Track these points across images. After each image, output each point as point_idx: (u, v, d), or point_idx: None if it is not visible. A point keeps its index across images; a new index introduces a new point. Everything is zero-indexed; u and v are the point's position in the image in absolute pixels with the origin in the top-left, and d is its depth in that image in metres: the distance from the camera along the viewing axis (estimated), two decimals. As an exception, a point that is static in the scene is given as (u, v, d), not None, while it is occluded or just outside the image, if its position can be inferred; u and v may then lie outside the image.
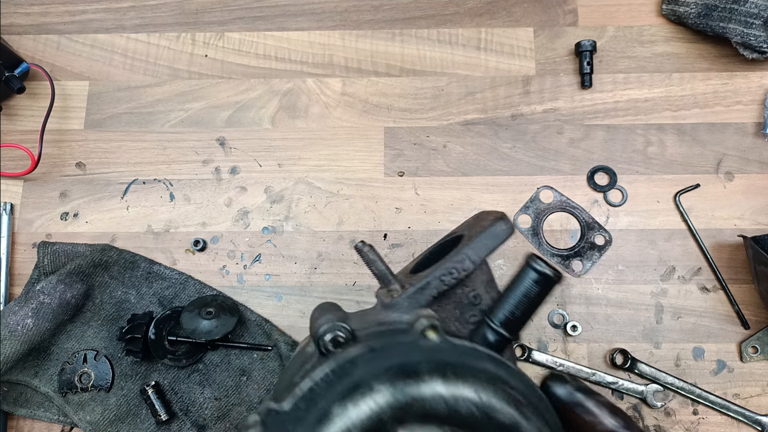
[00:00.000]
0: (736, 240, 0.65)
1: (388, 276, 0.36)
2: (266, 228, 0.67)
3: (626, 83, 0.71)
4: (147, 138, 0.71)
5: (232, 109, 0.71)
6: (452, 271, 0.35)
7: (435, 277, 0.35)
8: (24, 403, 0.62)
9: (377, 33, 0.74)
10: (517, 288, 0.34)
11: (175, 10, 0.75)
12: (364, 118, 0.71)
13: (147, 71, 0.73)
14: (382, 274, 0.37)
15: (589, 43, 0.69)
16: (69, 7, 0.75)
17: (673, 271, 0.65)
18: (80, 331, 0.63)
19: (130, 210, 0.68)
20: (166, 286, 0.65)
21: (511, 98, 0.71)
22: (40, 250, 0.65)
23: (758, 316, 0.63)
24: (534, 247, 0.66)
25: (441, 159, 0.69)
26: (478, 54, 0.72)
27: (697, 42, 0.72)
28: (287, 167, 0.69)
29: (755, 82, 0.70)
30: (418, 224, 0.67)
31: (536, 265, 0.34)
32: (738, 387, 0.62)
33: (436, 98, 0.71)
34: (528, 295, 0.34)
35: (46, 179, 0.70)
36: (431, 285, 0.35)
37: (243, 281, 0.66)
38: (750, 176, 0.68)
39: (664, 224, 0.67)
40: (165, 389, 0.62)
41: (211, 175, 0.69)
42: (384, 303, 0.35)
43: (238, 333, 0.63)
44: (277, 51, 0.73)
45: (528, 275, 0.34)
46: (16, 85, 0.68)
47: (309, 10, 0.75)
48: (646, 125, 0.69)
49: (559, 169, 0.68)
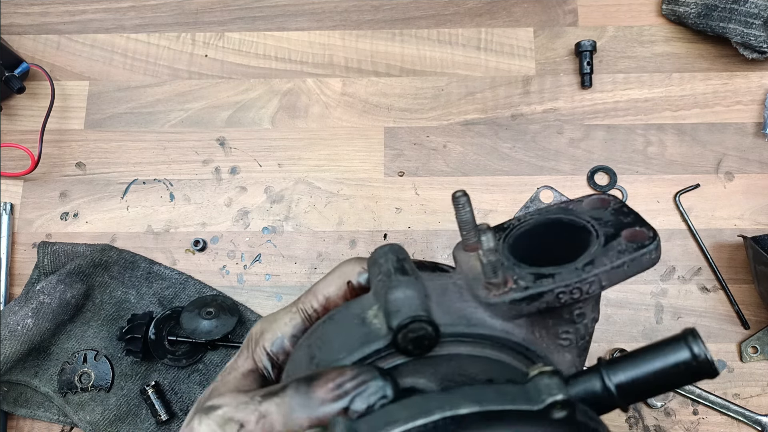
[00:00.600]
0: (736, 240, 0.65)
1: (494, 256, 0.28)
2: (266, 228, 0.67)
3: (626, 83, 0.71)
4: (147, 138, 0.71)
5: (232, 109, 0.71)
6: (575, 292, 0.28)
7: (552, 291, 0.27)
8: (24, 403, 0.62)
9: (377, 33, 0.74)
10: (657, 359, 0.25)
11: (175, 10, 0.75)
12: (364, 118, 0.71)
13: (147, 71, 0.73)
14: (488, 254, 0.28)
15: (589, 43, 0.69)
16: (69, 7, 0.76)
17: (673, 271, 0.65)
18: (80, 331, 0.63)
19: (130, 210, 0.68)
20: (166, 286, 0.65)
21: (511, 98, 0.71)
22: (40, 250, 0.65)
23: (758, 316, 0.63)
24: (534, 247, 0.66)
25: (441, 159, 0.69)
26: (478, 54, 0.72)
27: (697, 42, 0.72)
28: (287, 167, 0.69)
29: (755, 82, 0.70)
30: (418, 224, 0.67)
31: (697, 349, 0.25)
32: (738, 387, 0.62)
33: (436, 98, 0.71)
34: (666, 373, 0.26)
35: (46, 179, 0.70)
36: (544, 298, 0.27)
37: (243, 281, 0.66)
38: (750, 176, 0.68)
39: (664, 224, 0.67)
40: (165, 389, 0.62)
41: (211, 175, 0.69)
42: (478, 294, 0.28)
43: (238, 333, 0.63)
44: (277, 51, 0.73)
45: (679, 352, 0.25)
46: (16, 85, 0.68)
47: (309, 10, 0.75)
48: (646, 125, 0.69)
49: (559, 169, 0.68)
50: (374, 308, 0.27)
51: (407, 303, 0.26)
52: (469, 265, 0.29)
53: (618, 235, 0.30)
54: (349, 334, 0.27)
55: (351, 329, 0.28)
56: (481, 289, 0.28)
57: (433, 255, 0.66)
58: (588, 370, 0.25)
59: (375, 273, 0.28)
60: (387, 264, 0.28)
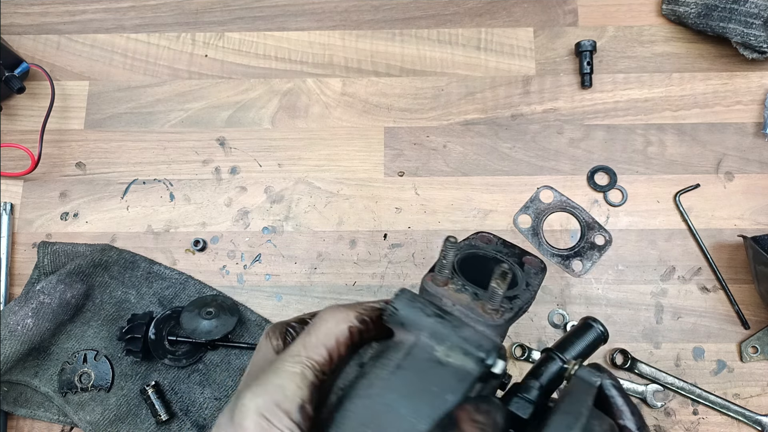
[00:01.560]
0: (736, 240, 0.65)
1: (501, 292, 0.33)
2: (266, 228, 0.67)
3: (626, 83, 0.71)
4: (147, 138, 0.71)
5: (232, 109, 0.71)
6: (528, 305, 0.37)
7: (522, 308, 0.36)
8: (24, 403, 0.62)
9: (377, 33, 0.74)
10: (581, 341, 0.36)
11: (175, 10, 0.75)
12: (364, 118, 0.71)
13: (147, 71, 0.73)
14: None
15: (589, 43, 0.69)
16: (69, 7, 0.76)
17: (673, 271, 0.65)
18: (80, 331, 0.63)
19: (130, 210, 0.68)
20: (166, 286, 0.65)
21: (511, 98, 0.71)
22: (40, 250, 0.65)
23: (758, 316, 0.63)
24: (534, 247, 0.66)
25: (441, 159, 0.69)
26: (478, 54, 0.72)
27: (697, 42, 0.72)
28: (287, 167, 0.69)
29: (755, 82, 0.70)
30: (418, 224, 0.67)
31: (598, 326, 0.37)
32: (738, 387, 0.62)
33: (436, 98, 0.71)
34: (591, 345, 0.36)
35: (46, 179, 0.70)
36: (519, 313, 0.36)
37: (243, 281, 0.66)
38: (750, 176, 0.68)
39: (664, 224, 0.67)
40: (165, 389, 0.62)
41: (211, 175, 0.69)
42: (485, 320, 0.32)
43: (238, 333, 0.63)
44: (277, 51, 0.73)
45: (592, 333, 0.36)
46: (16, 85, 0.68)
47: (309, 10, 0.75)
48: (646, 125, 0.69)
49: (559, 169, 0.68)
50: (442, 347, 0.30)
51: (482, 337, 0.30)
52: (454, 298, 0.34)
53: (522, 263, 0.42)
54: (434, 374, 0.30)
55: (432, 370, 0.30)
56: (484, 315, 0.33)
57: (434, 255, 0.66)
58: (546, 357, 0.35)
59: (419, 317, 0.31)
60: (428, 307, 0.31)
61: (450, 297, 0.33)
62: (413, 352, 0.30)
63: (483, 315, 0.32)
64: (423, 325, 0.31)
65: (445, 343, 0.30)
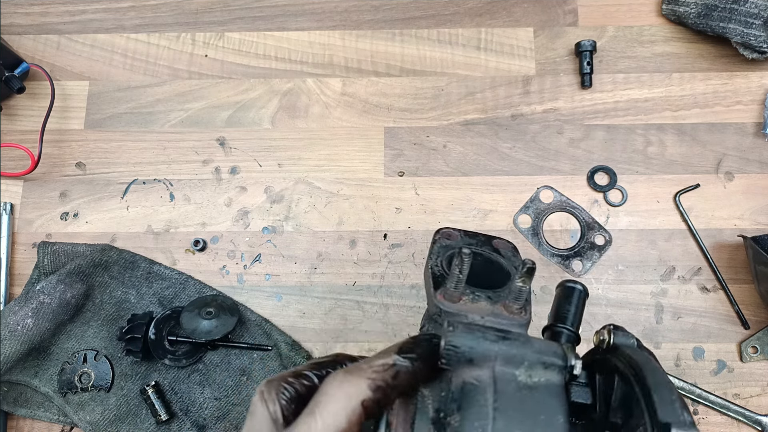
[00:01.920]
0: (736, 240, 0.65)
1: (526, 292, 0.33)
2: (266, 228, 0.67)
3: (626, 83, 0.71)
4: (147, 138, 0.71)
5: (232, 109, 0.71)
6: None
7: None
8: (24, 403, 0.62)
9: (377, 33, 0.74)
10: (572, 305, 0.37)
11: (175, 10, 0.75)
12: (364, 118, 0.71)
13: (147, 71, 0.73)
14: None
15: (589, 43, 0.69)
16: (69, 7, 0.76)
17: (673, 271, 0.65)
18: (80, 331, 0.63)
19: (130, 210, 0.68)
20: (166, 286, 0.65)
21: (511, 98, 0.71)
22: (40, 250, 0.65)
23: (758, 316, 0.63)
24: (534, 247, 0.66)
25: (441, 159, 0.69)
26: (478, 54, 0.72)
27: (697, 42, 0.72)
28: (287, 167, 0.69)
29: (755, 82, 0.70)
30: (418, 224, 0.67)
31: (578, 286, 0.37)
32: (738, 387, 0.62)
33: (436, 98, 0.71)
34: (580, 304, 0.37)
35: (46, 179, 0.70)
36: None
37: (243, 281, 0.66)
38: (750, 176, 0.68)
39: (664, 224, 0.67)
40: (165, 389, 0.62)
41: (211, 175, 0.69)
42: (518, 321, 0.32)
43: (238, 333, 0.63)
44: (277, 51, 0.73)
45: (576, 294, 0.37)
46: (16, 85, 0.68)
47: (309, 10, 0.75)
48: (646, 125, 0.69)
49: (559, 169, 0.68)
50: (521, 370, 0.28)
51: (549, 344, 0.29)
52: (477, 309, 0.32)
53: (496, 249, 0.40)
54: (532, 401, 0.27)
55: (528, 398, 0.27)
56: (513, 316, 0.32)
57: (433, 255, 0.66)
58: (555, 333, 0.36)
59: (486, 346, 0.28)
60: (487, 333, 0.29)
61: (474, 310, 0.31)
62: (500, 388, 0.27)
63: (512, 317, 0.31)
64: (493, 354, 0.28)
65: (522, 365, 0.28)
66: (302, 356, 0.62)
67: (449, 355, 0.28)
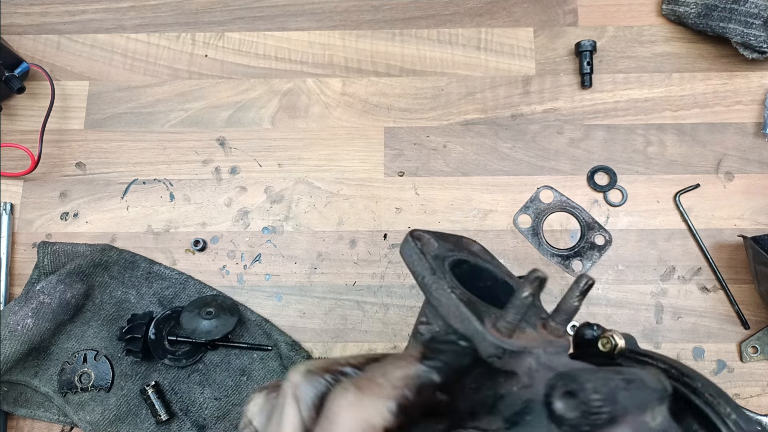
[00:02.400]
0: (736, 240, 0.65)
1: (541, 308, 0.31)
2: (266, 228, 0.67)
3: (626, 83, 0.71)
4: (147, 138, 0.71)
5: (232, 109, 0.71)
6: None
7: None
8: (24, 403, 0.62)
9: (377, 33, 0.74)
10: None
11: (175, 10, 0.75)
12: (364, 118, 0.71)
13: (147, 71, 0.73)
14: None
15: (589, 43, 0.69)
16: (69, 7, 0.76)
17: (673, 271, 0.65)
18: (80, 331, 0.63)
19: (130, 210, 0.68)
20: (166, 286, 0.65)
21: (511, 98, 0.71)
22: (40, 250, 0.65)
23: (758, 316, 0.63)
24: (534, 246, 0.66)
25: (441, 159, 0.69)
26: (478, 54, 0.72)
27: (697, 42, 0.72)
28: (287, 167, 0.69)
29: (755, 82, 0.70)
30: (418, 224, 0.67)
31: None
32: (738, 387, 0.62)
33: (436, 98, 0.71)
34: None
35: (46, 179, 0.70)
36: None
37: (243, 281, 0.66)
38: (750, 176, 0.68)
39: (664, 224, 0.67)
40: (165, 389, 0.62)
41: (211, 175, 0.69)
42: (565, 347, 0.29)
43: (238, 333, 0.63)
44: (277, 51, 0.73)
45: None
46: (16, 85, 0.68)
47: (309, 10, 0.75)
48: (646, 125, 0.69)
49: (559, 169, 0.68)
50: (649, 417, 0.24)
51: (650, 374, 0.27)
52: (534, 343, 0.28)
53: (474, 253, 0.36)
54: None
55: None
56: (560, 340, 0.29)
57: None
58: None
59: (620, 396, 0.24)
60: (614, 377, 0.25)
61: (533, 345, 0.27)
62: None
63: (560, 341, 0.28)
64: (630, 406, 0.23)
65: (647, 411, 0.24)
66: (302, 356, 0.62)
67: (593, 415, 0.22)
